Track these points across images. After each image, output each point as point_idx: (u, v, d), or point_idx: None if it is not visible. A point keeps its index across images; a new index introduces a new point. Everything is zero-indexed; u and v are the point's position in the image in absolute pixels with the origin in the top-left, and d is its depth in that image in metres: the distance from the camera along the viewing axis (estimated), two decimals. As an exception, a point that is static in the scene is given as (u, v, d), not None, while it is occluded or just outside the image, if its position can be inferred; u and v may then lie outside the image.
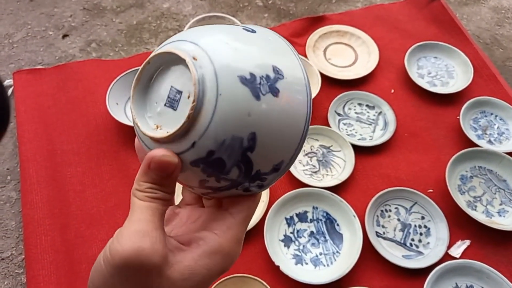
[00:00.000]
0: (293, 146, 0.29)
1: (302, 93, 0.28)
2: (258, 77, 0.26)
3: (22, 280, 0.76)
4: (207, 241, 0.29)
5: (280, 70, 0.27)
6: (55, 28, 1.11)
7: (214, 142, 0.26)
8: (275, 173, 0.29)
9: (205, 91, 0.25)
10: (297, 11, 1.19)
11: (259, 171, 0.28)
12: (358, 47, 1.04)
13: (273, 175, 0.29)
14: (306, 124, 0.29)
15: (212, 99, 0.25)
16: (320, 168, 0.85)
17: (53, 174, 0.82)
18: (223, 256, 0.29)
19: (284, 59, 0.28)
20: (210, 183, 0.28)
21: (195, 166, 0.27)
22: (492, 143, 0.89)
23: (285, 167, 0.29)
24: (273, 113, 0.27)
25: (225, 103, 0.25)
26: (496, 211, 0.81)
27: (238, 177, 0.28)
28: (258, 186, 0.29)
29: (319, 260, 0.74)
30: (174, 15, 1.16)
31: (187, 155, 0.27)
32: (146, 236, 0.25)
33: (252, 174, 0.28)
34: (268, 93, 0.26)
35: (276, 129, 0.27)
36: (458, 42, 1.05)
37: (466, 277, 0.72)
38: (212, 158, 0.26)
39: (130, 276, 0.25)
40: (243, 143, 0.26)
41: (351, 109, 0.93)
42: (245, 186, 0.29)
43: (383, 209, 0.79)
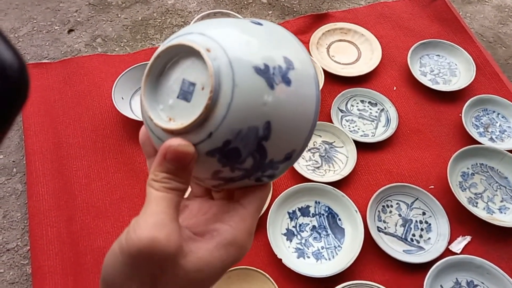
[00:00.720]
0: (304, 134, 0.29)
1: (311, 83, 0.29)
2: (271, 67, 0.27)
3: (27, 271, 0.77)
4: (222, 233, 0.29)
5: (290, 61, 0.28)
6: (60, 23, 1.12)
7: (231, 132, 0.26)
8: (286, 162, 0.29)
9: (221, 82, 0.26)
10: (301, 8, 1.20)
11: (272, 160, 0.28)
12: (361, 44, 1.05)
13: (285, 164, 0.29)
14: (315, 113, 0.29)
15: (228, 90, 0.26)
16: (323, 163, 0.85)
17: (59, 167, 0.83)
18: (237, 248, 0.29)
19: (292, 50, 0.29)
20: (224, 174, 0.28)
21: (211, 156, 0.27)
22: (494, 141, 0.90)
23: (296, 156, 0.30)
24: (286, 102, 0.27)
25: (241, 94, 0.26)
26: (497, 208, 0.81)
27: (252, 167, 0.28)
28: (269, 175, 0.30)
29: (321, 254, 0.75)
30: (179, 11, 1.17)
31: (203, 145, 0.27)
32: (162, 227, 0.26)
33: (266, 163, 0.28)
34: (282, 82, 0.27)
35: (289, 118, 0.27)
36: (461, 40, 1.06)
37: (467, 273, 0.73)
38: (229, 148, 0.27)
39: (144, 266, 0.26)
40: (259, 132, 0.26)
41: (353, 106, 0.94)
42: (257, 176, 0.29)
43: (384, 204, 0.80)
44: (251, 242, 0.31)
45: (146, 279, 0.26)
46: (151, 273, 0.26)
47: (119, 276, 0.27)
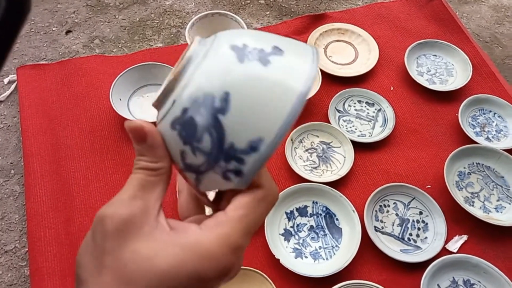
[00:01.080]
0: (276, 124, 0.25)
1: (300, 77, 0.26)
2: (250, 47, 0.26)
3: (25, 272, 0.77)
4: (187, 232, 0.26)
5: (281, 50, 0.26)
6: (58, 24, 1.12)
7: (189, 99, 0.26)
8: (253, 154, 0.25)
9: (194, 55, 0.27)
10: (298, 9, 1.20)
11: (233, 145, 0.25)
12: (358, 45, 1.05)
13: (251, 156, 0.25)
14: (294, 108, 0.25)
15: (199, 61, 0.26)
16: (320, 163, 0.86)
17: (57, 168, 0.83)
18: (200, 256, 0.25)
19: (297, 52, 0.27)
20: (189, 158, 0.27)
21: (174, 129, 0.27)
22: (490, 140, 0.90)
23: (266, 150, 0.25)
24: (255, 80, 0.25)
25: (207, 64, 0.26)
26: (494, 207, 0.82)
27: (211, 150, 0.26)
28: (236, 171, 0.26)
29: (318, 253, 0.75)
30: (177, 12, 1.17)
31: (169, 116, 0.27)
32: (113, 203, 0.26)
33: (225, 147, 0.26)
34: (256, 60, 0.25)
35: (256, 98, 0.25)
36: (458, 41, 1.06)
37: (463, 272, 0.74)
38: (186, 117, 0.26)
39: (95, 241, 0.26)
40: (215, 102, 0.25)
41: (351, 106, 0.94)
42: (222, 168, 0.26)
43: (381, 204, 0.81)
44: (233, 259, 0.26)
45: (97, 253, 0.26)
46: (101, 249, 0.25)
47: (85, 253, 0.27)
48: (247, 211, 0.27)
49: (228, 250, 0.25)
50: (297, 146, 0.87)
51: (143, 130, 0.27)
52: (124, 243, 0.25)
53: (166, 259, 0.24)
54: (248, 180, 0.26)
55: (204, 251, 0.25)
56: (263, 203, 0.27)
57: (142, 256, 0.25)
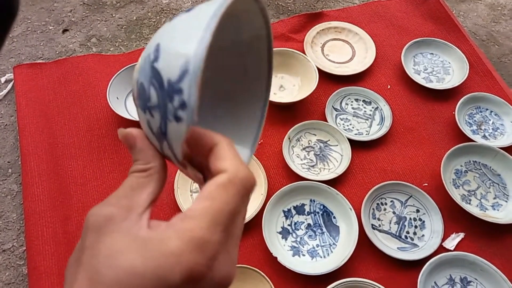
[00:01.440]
0: (194, 42, 0.26)
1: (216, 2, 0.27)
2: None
3: (23, 271, 0.77)
4: (156, 230, 0.24)
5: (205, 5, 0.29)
6: (55, 23, 1.12)
7: (138, 71, 0.29)
8: (186, 77, 0.26)
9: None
10: (295, 7, 1.20)
11: (170, 81, 0.26)
12: (355, 43, 1.06)
13: (185, 81, 0.26)
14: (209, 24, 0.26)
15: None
16: (318, 162, 0.86)
17: (54, 167, 0.83)
18: (162, 255, 0.22)
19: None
20: (152, 123, 0.28)
21: (139, 107, 0.29)
22: (487, 138, 0.91)
23: (195, 68, 0.25)
24: (177, 21, 0.28)
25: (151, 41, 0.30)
26: (490, 205, 0.82)
27: (158, 99, 0.27)
28: (181, 105, 0.26)
29: (316, 251, 0.76)
30: (173, 11, 1.17)
31: (136, 101, 0.30)
32: (101, 203, 0.26)
33: (166, 86, 0.26)
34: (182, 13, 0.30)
35: (178, 33, 0.28)
36: (454, 39, 1.07)
37: (460, 269, 0.74)
38: (138, 84, 0.29)
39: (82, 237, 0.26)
40: (150, 56, 0.28)
41: (348, 105, 0.94)
42: (172, 111, 0.26)
43: (379, 202, 0.81)
44: (199, 259, 0.22)
45: (78, 251, 0.26)
46: (81, 246, 0.25)
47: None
48: (210, 200, 0.24)
49: (192, 246, 0.22)
50: (294, 145, 0.87)
51: (132, 136, 0.29)
52: (102, 237, 0.24)
53: (132, 256, 0.23)
54: (193, 110, 0.25)
55: (165, 249, 0.22)
56: (230, 189, 0.24)
57: (114, 250, 0.23)
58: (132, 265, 0.22)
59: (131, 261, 0.22)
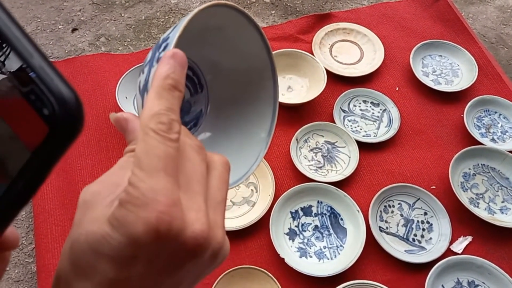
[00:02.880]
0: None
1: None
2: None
3: (32, 269, 0.77)
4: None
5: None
6: (64, 22, 1.13)
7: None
8: (174, 30, 0.31)
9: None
10: (303, 8, 1.20)
11: (163, 38, 0.31)
12: (363, 44, 1.05)
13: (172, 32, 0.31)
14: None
15: None
16: (325, 163, 0.86)
17: (63, 165, 0.84)
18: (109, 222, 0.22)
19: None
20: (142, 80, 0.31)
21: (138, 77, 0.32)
22: (496, 142, 0.90)
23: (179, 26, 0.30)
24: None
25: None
26: (498, 208, 0.82)
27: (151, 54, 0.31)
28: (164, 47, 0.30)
29: (323, 253, 0.76)
30: (182, 11, 1.17)
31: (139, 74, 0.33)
32: (92, 182, 0.26)
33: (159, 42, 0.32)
34: None
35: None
36: (463, 41, 1.06)
37: (468, 273, 0.74)
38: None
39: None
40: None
41: (356, 106, 0.94)
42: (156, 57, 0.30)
43: (386, 204, 0.81)
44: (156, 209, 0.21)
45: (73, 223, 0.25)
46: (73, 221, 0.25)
47: None
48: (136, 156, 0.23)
49: (144, 199, 0.21)
50: (302, 146, 0.88)
51: (123, 118, 0.29)
52: (86, 211, 0.24)
53: (103, 222, 0.22)
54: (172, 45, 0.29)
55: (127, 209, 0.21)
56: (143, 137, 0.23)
57: (93, 218, 0.23)
58: (100, 231, 0.22)
59: (100, 228, 0.22)
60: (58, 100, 0.19)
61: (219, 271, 0.71)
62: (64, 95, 0.19)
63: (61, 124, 0.19)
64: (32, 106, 0.20)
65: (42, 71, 0.20)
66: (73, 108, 0.19)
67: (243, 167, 0.36)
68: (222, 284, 0.69)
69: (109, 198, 0.24)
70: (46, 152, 0.20)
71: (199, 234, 0.22)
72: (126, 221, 0.21)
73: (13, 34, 0.20)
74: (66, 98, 0.19)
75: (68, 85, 0.20)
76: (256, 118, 0.39)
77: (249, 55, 0.37)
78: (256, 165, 0.36)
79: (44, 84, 0.19)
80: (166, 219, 0.21)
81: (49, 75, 0.20)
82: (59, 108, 0.19)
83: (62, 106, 0.19)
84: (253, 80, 0.38)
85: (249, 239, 0.77)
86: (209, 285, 0.69)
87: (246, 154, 0.37)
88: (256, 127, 0.38)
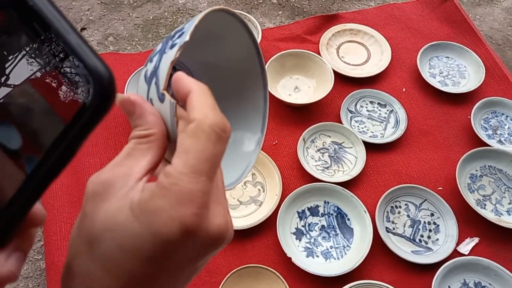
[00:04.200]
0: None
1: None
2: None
3: (41, 266, 0.78)
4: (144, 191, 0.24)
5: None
6: (73, 22, 1.14)
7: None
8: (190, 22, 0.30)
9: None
10: (311, 9, 1.21)
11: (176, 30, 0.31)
12: (370, 45, 1.06)
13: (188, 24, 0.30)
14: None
15: None
16: (332, 164, 0.86)
17: (72, 164, 0.84)
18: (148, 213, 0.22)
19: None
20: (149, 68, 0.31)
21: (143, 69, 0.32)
22: (503, 143, 0.90)
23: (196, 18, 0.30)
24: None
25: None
26: (505, 210, 0.82)
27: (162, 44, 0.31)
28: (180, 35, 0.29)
29: (329, 253, 0.76)
30: (190, 11, 1.18)
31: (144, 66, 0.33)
32: (100, 171, 0.26)
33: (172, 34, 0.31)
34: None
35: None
36: (470, 43, 1.06)
37: (474, 274, 0.74)
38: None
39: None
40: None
41: (363, 107, 0.95)
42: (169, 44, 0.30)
43: (393, 205, 0.81)
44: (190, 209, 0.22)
45: (80, 219, 0.26)
46: (83, 213, 0.25)
47: None
48: (185, 153, 0.23)
49: (180, 199, 0.22)
50: (309, 146, 0.88)
51: (130, 101, 0.27)
52: (99, 204, 0.24)
53: (126, 219, 0.23)
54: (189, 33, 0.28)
55: (156, 207, 0.22)
56: (201, 136, 0.24)
57: (110, 215, 0.23)
58: (127, 227, 0.22)
59: (126, 223, 0.22)
60: (93, 75, 0.20)
61: (226, 270, 0.71)
62: (99, 69, 0.20)
63: (96, 98, 0.20)
64: (68, 81, 0.21)
65: (78, 47, 0.20)
66: (106, 82, 0.20)
67: (238, 169, 0.37)
68: (229, 283, 0.69)
69: (123, 190, 0.24)
70: (80, 125, 0.21)
71: (223, 229, 0.23)
72: (157, 219, 0.22)
73: (52, 13, 0.21)
74: (100, 73, 0.20)
75: (102, 61, 0.20)
76: (248, 123, 0.39)
77: (242, 63, 0.38)
78: (249, 169, 0.37)
79: (80, 60, 0.20)
80: (198, 220, 0.22)
81: (85, 51, 0.20)
82: (94, 82, 0.20)
83: (97, 81, 0.20)
84: (244, 83, 0.39)
85: (256, 238, 0.77)
86: (217, 284, 0.70)
87: (238, 158, 0.38)
88: (248, 132, 0.39)
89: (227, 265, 0.74)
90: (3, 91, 0.22)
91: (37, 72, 0.22)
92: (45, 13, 0.21)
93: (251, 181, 0.83)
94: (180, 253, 0.22)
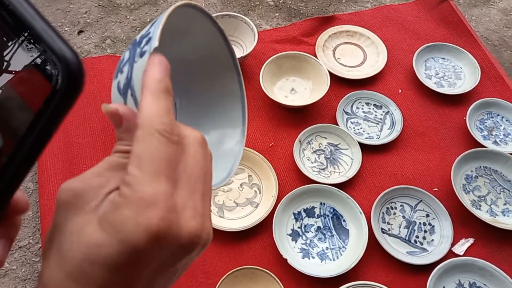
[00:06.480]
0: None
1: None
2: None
3: (38, 268, 0.79)
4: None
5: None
6: (70, 24, 1.14)
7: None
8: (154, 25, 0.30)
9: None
10: (307, 10, 1.21)
11: (141, 35, 0.30)
12: (367, 47, 1.06)
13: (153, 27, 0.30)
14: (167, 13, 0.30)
15: None
16: (328, 165, 0.87)
17: (69, 166, 0.85)
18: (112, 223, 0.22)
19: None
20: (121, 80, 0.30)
21: (113, 80, 0.31)
22: (498, 144, 0.91)
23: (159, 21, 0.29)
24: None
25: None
26: (500, 211, 0.82)
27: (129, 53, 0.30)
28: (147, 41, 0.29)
29: (325, 254, 0.76)
30: (186, 13, 1.18)
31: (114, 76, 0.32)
32: (74, 178, 0.25)
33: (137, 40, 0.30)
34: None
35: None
36: (466, 44, 1.07)
37: (469, 274, 0.74)
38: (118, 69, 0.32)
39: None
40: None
41: (359, 108, 0.95)
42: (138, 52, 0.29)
43: (388, 206, 0.81)
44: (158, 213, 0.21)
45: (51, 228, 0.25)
46: (53, 223, 0.25)
47: None
48: (138, 159, 0.22)
49: (143, 205, 0.21)
50: (305, 148, 0.88)
51: (118, 114, 0.26)
52: (69, 215, 0.23)
53: (94, 230, 0.22)
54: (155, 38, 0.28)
55: (122, 216, 0.21)
56: (149, 140, 0.23)
57: (79, 227, 0.22)
58: (94, 238, 0.22)
59: (93, 235, 0.22)
60: (60, 59, 0.20)
61: (222, 272, 0.72)
62: (65, 54, 0.20)
63: (64, 83, 0.20)
64: (36, 68, 0.21)
65: (45, 33, 0.20)
66: (74, 66, 0.20)
67: (226, 166, 0.37)
68: (225, 284, 0.70)
69: (93, 203, 0.23)
70: (49, 111, 0.20)
71: (194, 233, 0.23)
72: (124, 227, 0.21)
73: (17, 1, 0.21)
74: (67, 57, 0.20)
75: (69, 46, 0.20)
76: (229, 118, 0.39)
77: (212, 51, 0.38)
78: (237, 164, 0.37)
79: (46, 45, 0.20)
80: (166, 225, 0.21)
81: (51, 37, 0.20)
82: (62, 66, 0.20)
83: (64, 65, 0.20)
84: (218, 71, 0.39)
85: (252, 240, 0.78)
86: (213, 285, 0.70)
87: (225, 155, 0.38)
88: (231, 128, 0.39)
89: (223, 266, 0.74)
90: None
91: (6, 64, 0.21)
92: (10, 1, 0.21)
93: (248, 183, 0.84)
94: (151, 258, 0.22)
